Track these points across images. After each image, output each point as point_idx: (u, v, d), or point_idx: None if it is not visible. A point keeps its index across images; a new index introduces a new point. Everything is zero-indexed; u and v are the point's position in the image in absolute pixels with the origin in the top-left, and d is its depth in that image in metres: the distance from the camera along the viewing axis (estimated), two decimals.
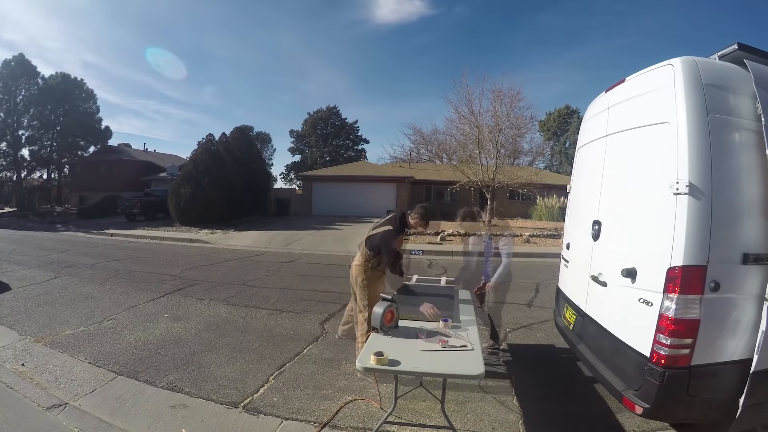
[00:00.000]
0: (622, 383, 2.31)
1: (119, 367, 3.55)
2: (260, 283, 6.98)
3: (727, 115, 2.03)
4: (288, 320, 4.96)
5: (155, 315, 5.07)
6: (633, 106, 2.53)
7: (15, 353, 3.81)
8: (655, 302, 2.08)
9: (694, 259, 1.92)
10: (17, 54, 33.52)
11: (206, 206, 16.25)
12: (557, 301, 3.68)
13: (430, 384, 3.04)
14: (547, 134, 45.83)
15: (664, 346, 1.99)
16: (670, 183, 2.01)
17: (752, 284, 1.98)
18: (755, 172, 2.01)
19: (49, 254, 9.67)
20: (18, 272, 7.44)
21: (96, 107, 37.50)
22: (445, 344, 2.30)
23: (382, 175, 23.74)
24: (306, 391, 3.18)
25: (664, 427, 2.68)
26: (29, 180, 36.59)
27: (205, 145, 18.32)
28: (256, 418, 2.80)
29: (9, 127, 32.86)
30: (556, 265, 3.81)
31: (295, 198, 24.73)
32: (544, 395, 3.17)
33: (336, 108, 48.18)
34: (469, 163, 17.88)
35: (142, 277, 7.33)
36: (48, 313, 5.05)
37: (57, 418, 2.77)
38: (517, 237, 13.20)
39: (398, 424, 2.69)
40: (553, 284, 4.25)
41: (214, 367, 3.59)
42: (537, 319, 5.06)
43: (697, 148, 1.96)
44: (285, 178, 49.09)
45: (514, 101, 16.71)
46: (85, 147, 37.08)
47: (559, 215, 18.54)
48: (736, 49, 2.19)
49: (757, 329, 1.96)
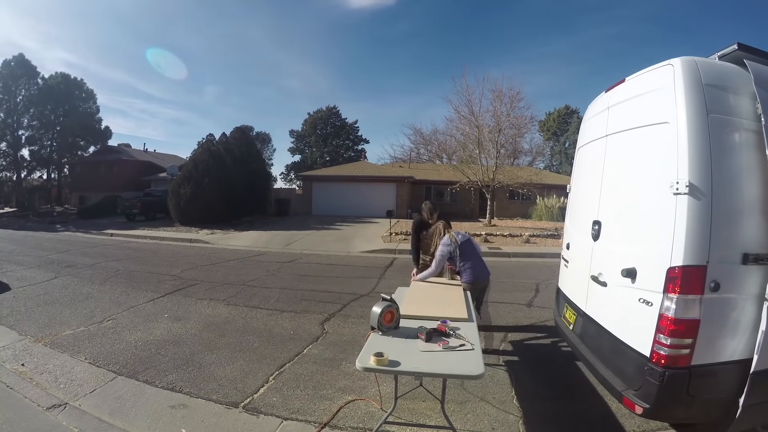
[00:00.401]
0: (622, 383, 2.31)
1: (119, 367, 3.55)
2: (260, 283, 6.98)
3: (727, 115, 2.03)
4: (288, 320, 4.96)
5: (155, 315, 5.07)
6: (633, 106, 2.53)
7: (15, 353, 3.81)
8: (655, 302, 2.08)
9: (694, 259, 1.92)
10: (17, 54, 33.59)
11: (206, 206, 16.26)
12: (557, 301, 3.68)
13: (429, 384, 3.05)
14: (546, 134, 45.86)
15: (664, 346, 1.99)
16: (670, 183, 2.01)
17: (752, 284, 1.98)
18: (755, 172, 2.01)
19: (49, 254, 9.67)
20: (18, 272, 7.44)
21: (96, 107, 37.58)
22: (446, 345, 2.30)
23: (382, 175, 23.73)
24: (306, 391, 3.18)
25: (664, 427, 2.68)
26: (29, 180, 36.60)
27: (205, 145, 18.35)
28: (256, 418, 2.80)
29: (9, 127, 32.86)
30: (556, 265, 3.81)
31: (295, 198, 24.73)
32: (544, 395, 3.17)
33: (336, 108, 48.25)
34: (469, 163, 17.90)
35: (142, 277, 7.33)
36: (48, 313, 5.05)
37: (57, 418, 2.77)
38: (517, 237, 13.21)
39: (398, 424, 2.69)
40: (553, 284, 4.25)
41: (214, 367, 3.59)
42: (537, 319, 5.06)
43: (697, 148, 1.96)
44: (285, 178, 49.17)
45: (514, 101, 16.75)
46: (85, 147, 37.09)
47: (559, 215, 18.54)
48: (736, 49, 2.19)
49: (757, 329, 1.96)
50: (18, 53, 33.26)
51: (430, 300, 3.31)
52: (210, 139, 18.99)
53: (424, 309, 2.95)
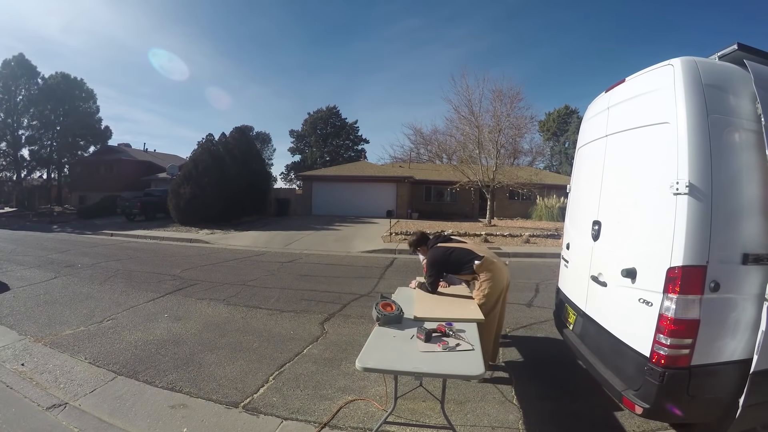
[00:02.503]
0: (622, 383, 2.31)
1: (119, 367, 3.55)
2: (260, 283, 6.98)
3: (727, 116, 2.03)
4: (288, 320, 4.96)
5: (155, 315, 5.07)
6: (633, 106, 2.53)
7: (15, 353, 3.81)
8: (655, 302, 2.08)
9: (694, 259, 1.92)
10: (17, 54, 33.54)
11: (206, 206, 16.26)
12: (557, 302, 3.68)
13: (429, 384, 3.05)
14: (546, 134, 45.89)
15: (664, 346, 1.99)
16: (670, 183, 2.01)
17: (752, 284, 1.99)
18: (755, 173, 2.01)
19: (48, 254, 9.67)
20: (18, 272, 7.44)
21: (96, 107, 37.48)
22: (445, 345, 2.30)
23: (382, 175, 23.73)
24: (306, 391, 3.18)
25: (664, 427, 2.68)
26: (29, 180, 36.61)
27: (205, 145, 18.32)
28: (256, 418, 2.80)
29: (9, 127, 32.84)
30: (556, 265, 3.81)
31: (295, 198, 24.74)
32: (544, 395, 3.17)
33: (336, 108, 48.28)
34: (469, 163, 17.91)
35: (142, 277, 7.33)
36: (48, 313, 5.05)
37: (57, 418, 2.77)
38: (517, 237, 13.21)
39: (398, 424, 2.69)
40: (553, 284, 4.25)
41: (214, 367, 3.59)
42: (537, 319, 5.05)
43: (697, 149, 1.96)
44: (285, 178, 49.19)
45: (514, 101, 16.77)
46: (85, 147, 37.04)
47: (558, 215, 18.54)
48: (736, 49, 2.19)
49: (757, 329, 1.96)
50: (18, 53, 33.25)
51: (442, 302, 3.31)
52: (210, 139, 18.91)
53: (439, 311, 2.96)
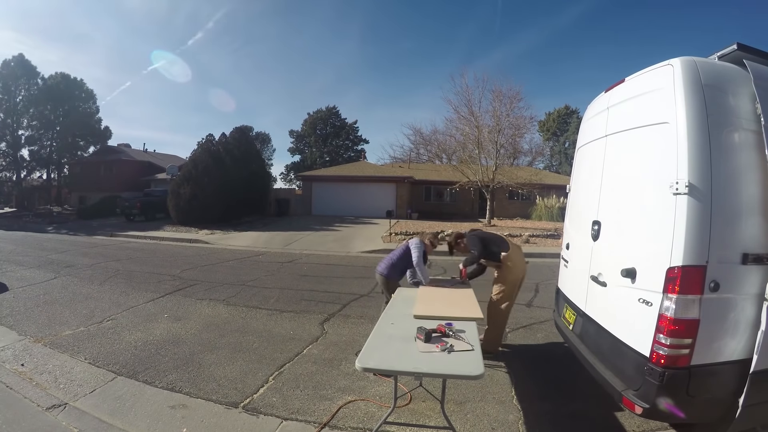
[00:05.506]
0: (621, 383, 2.31)
1: (119, 367, 3.55)
2: (260, 284, 6.98)
3: (726, 116, 2.03)
4: (288, 320, 4.95)
5: (155, 315, 5.07)
6: (632, 106, 2.53)
7: (15, 353, 3.81)
8: (654, 302, 2.08)
9: (693, 259, 1.92)
10: (17, 54, 33.55)
11: (206, 206, 16.25)
12: (557, 301, 3.68)
13: (430, 384, 3.05)
14: (546, 134, 45.89)
15: (663, 346, 1.99)
16: (670, 183, 2.01)
17: (752, 284, 1.98)
18: (755, 173, 2.01)
19: (48, 254, 9.66)
20: (17, 272, 7.44)
21: (96, 107, 37.53)
22: (444, 346, 2.30)
23: (382, 175, 23.70)
24: (306, 391, 3.18)
25: (664, 427, 2.69)
26: (29, 180, 36.59)
27: (205, 146, 18.32)
28: (255, 418, 2.80)
29: (9, 127, 32.83)
30: (555, 265, 3.81)
31: (294, 198, 24.71)
32: (544, 395, 3.17)
33: (336, 108, 48.22)
34: (468, 164, 17.93)
35: (142, 277, 7.33)
36: (47, 313, 5.05)
37: (57, 418, 2.76)
38: (517, 237, 13.21)
39: (398, 424, 2.69)
40: (552, 284, 4.25)
41: (213, 367, 3.59)
42: (537, 319, 5.06)
43: (696, 149, 1.96)
44: (285, 178, 49.13)
45: (513, 101, 16.79)
46: (84, 147, 37.04)
47: (558, 215, 18.54)
48: (736, 49, 2.19)
49: (757, 329, 1.96)
50: (18, 53, 33.29)
51: (442, 301, 3.32)
52: (210, 140, 18.91)
53: (439, 310, 2.98)
